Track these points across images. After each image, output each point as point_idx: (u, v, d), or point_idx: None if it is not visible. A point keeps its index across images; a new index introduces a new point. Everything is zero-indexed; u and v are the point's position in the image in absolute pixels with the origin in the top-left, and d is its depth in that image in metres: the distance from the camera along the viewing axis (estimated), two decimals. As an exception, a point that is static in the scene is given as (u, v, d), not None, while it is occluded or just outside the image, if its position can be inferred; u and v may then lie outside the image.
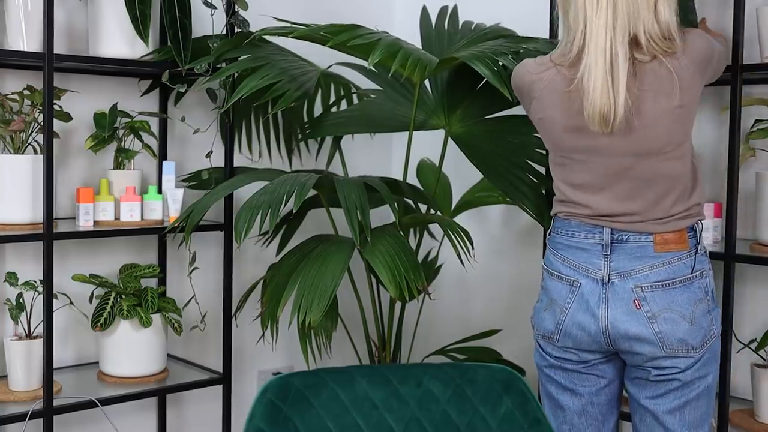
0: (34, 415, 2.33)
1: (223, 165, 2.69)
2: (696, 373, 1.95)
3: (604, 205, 1.97)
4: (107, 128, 2.61)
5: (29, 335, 2.47)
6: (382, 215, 2.81)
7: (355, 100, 2.99)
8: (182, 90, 2.58)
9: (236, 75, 2.55)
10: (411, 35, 2.84)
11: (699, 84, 1.93)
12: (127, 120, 2.66)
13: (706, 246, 2.05)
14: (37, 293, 2.46)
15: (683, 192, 1.96)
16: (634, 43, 1.88)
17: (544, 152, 2.54)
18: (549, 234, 2.09)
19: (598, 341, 1.98)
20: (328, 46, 2.34)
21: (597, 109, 1.86)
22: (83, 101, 2.67)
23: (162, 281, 2.84)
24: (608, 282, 1.95)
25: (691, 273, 1.94)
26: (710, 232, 2.43)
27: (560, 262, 2.02)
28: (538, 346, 2.10)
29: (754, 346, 2.40)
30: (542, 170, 2.49)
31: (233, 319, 2.72)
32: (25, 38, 2.38)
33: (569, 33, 1.94)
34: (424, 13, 2.88)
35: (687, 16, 2.26)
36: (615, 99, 1.85)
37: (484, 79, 2.50)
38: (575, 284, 1.99)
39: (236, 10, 2.58)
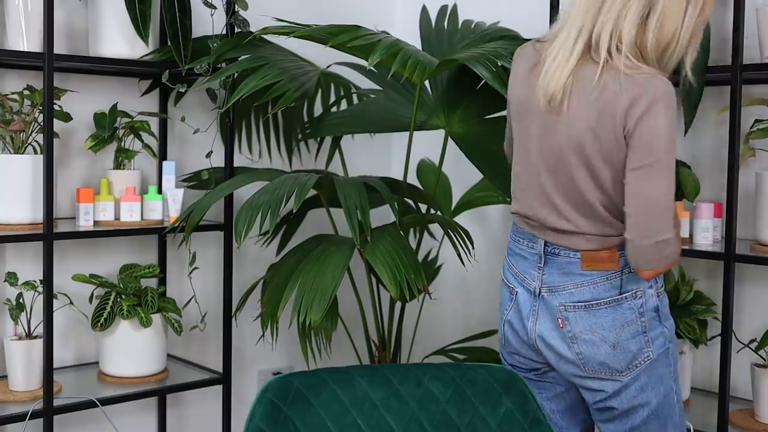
0: (34, 415, 2.33)
1: (223, 165, 2.69)
2: (633, 401, 1.87)
3: (527, 205, 1.91)
4: (107, 128, 2.60)
5: (29, 335, 2.47)
6: (382, 215, 2.81)
7: (355, 100, 2.99)
8: (182, 90, 2.58)
9: (236, 75, 2.55)
10: (411, 35, 2.84)
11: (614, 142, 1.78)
12: (127, 120, 2.66)
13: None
14: (37, 293, 2.46)
15: (608, 221, 1.84)
16: (599, 39, 1.78)
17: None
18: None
19: (531, 351, 1.95)
20: (329, 46, 2.35)
21: (549, 84, 1.80)
22: (83, 101, 2.67)
23: (162, 281, 2.84)
24: (539, 295, 1.90)
25: (620, 294, 1.85)
26: (710, 232, 2.43)
27: (507, 268, 1.99)
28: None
29: (754, 346, 2.40)
30: (542, 170, 2.48)
31: (233, 319, 2.72)
32: (25, 38, 2.38)
33: (564, 12, 1.88)
34: (424, 12, 2.88)
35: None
36: (562, 79, 1.78)
37: (484, 80, 2.51)
38: (513, 292, 1.96)
39: (236, 10, 2.58)
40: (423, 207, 2.82)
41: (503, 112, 2.64)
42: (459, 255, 2.41)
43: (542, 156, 1.87)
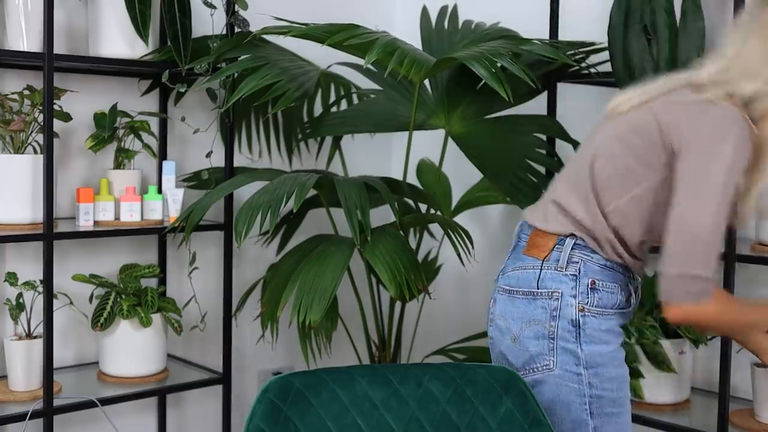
0: (34, 415, 2.33)
1: (223, 165, 2.69)
2: None
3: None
4: (107, 128, 2.61)
5: (29, 335, 2.47)
6: (382, 215, 2.81)
7: (355, 100, 2.99)
8: (182, 90, 2.58)
9: (236, 75, 2.55)
10: (411, 35, 2.84)
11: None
12: (127, 120, 2.66)
13: (591, 271, 1.77)
14: (37, 293, 2.46)
15: (582, 197, 1.77)
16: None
17: (544, 152, 2.54)
18: None
19: None
20: (326, 45, 2.35)
21: (623, 95, 1.80)
22: (83, 101, 2.67)
23: (162, 281, 2.84)
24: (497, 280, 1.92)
25: (537, 288, 1.78)
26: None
27: None
28: None
29: (754, 346, 2.40)
30: (542, 170, 2.49)
31: (233, 319, 2.72)
32: (25, 38, 2.38)
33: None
34: (424, 12, 2.88)
35: None
36: (634, 97, 1.77)
37: (483, 79, 2.51)
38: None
39: (236, 10, 2.58)
40: (423, 207, 2.82)
41: (503, 112, 2.65)
42: (459, 255, 2.41)
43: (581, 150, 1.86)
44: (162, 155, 2.83)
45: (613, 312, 1.78)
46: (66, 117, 2.52)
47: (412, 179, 3.06)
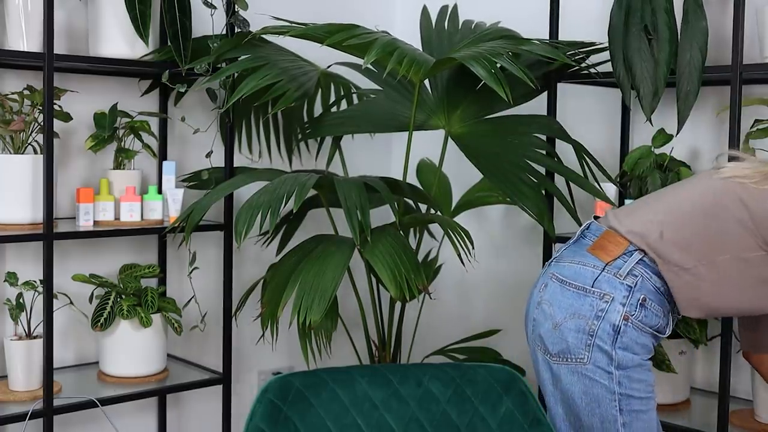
0: (34, 415, 2.33)
1: (223, 165, 2.69)
2: (564, 394, 1.87)
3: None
4: (107, 128, 2.61)
5: (29, 335, 2.47)
6: (382, 215, 2.81)
7: (355, 100, 2.99)
8: (182, 90, 2.58)
9: (236, 75, 2.55)
10: (411, 35, 2.84)
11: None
12: (127, 120, 2.66)
13: (646, 290, 1.87)
14: (37, 293, 2.46)
15: (676, 235, 1.88)
16: None
17: (544, 152, 2.54)
18: None
19: None
20: (325, 45, 2.35)
21: None
22: (83, 101, 2.67)
23: (162, 281, 2.84)
24: (550, 265, 2.02)
25: (591, 286, 1.86)
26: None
27: None
28: None
29: (754, 346, 2.40)
30: (542, 170, 2.48)
31: (233, 319, 2.72)
32: (25, 38, 2.38)
33: None
34: (424, 12, 2.88)
35: None
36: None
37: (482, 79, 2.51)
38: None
39: (236, 10, 2.58)
40: (423, 207, 2.82)
41: (503, 112, 2.65)
42: (459, 255, 2.40)
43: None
44: (162, 155, 2.83)
45: (651, 332, 1.87)
46: (66, 117, 2.52)
47: (412, 179, 3.06)
